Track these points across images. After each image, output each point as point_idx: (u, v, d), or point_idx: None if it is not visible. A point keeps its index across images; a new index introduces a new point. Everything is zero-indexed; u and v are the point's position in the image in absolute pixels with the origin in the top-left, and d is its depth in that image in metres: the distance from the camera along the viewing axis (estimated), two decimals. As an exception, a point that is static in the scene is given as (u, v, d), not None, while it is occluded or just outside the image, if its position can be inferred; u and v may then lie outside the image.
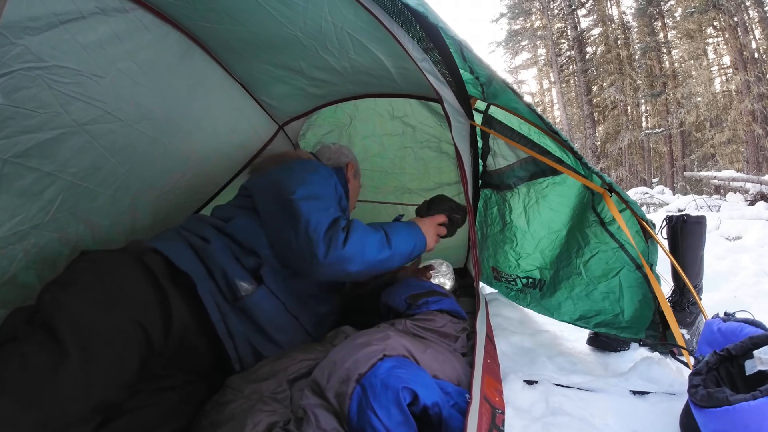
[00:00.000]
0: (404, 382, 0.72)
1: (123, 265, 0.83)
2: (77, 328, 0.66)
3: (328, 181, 1.20)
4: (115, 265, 0.81)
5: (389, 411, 0.70)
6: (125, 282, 0.79)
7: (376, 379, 0.73)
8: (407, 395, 0.72)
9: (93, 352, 0.66)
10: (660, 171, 16.66)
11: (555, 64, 17.22)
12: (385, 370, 0.75)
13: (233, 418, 0.77)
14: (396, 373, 0.74)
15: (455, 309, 1.26)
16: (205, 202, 1.88)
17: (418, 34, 1.05)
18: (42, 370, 0.61)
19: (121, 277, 0.79)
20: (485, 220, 1.85)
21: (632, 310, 1.38)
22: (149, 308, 0.79)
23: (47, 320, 0.65)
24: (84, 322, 0.67)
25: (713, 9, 11.45)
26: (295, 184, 1.12)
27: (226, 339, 0.94)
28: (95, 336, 0.67)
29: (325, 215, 1.05)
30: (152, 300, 0.81)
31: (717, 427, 0.76)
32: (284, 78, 1.62)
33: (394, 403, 0.70)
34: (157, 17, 1.15)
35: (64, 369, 0.62)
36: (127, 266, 0.83)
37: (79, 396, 0.62)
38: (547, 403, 1.03)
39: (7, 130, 0.91)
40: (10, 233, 1.01)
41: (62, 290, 0.71)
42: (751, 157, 11.23)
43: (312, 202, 1.08)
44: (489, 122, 1.56)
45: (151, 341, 0.77)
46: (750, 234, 3.71)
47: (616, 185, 1.31)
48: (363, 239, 1.07)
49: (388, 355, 0.80)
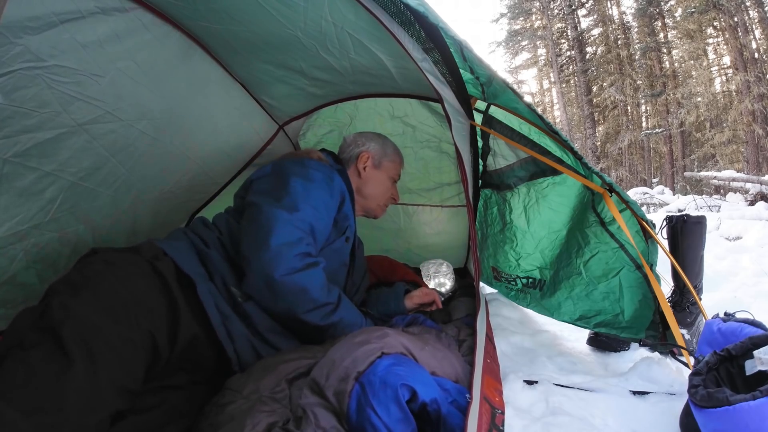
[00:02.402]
0: (402, 379, 0.72)
1: (138, 271, 0.81)
2: (85, 337, 0.65)
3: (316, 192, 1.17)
4: (130, 271, 0.80)
5: (388, 408, 0.70)
6: (139, 290, 0.77)
7: (375, 377, 0.73)
8: (406, 392, 0.72)
9: (100, 362, 0.65)
10: (660, 171, 16.67)
11: (555, 64, 17.22)
12: (383, 368, 0.75)
13: (232, 419, 0.77)
14: (394, 371, 0.74)
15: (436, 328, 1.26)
16: (206, 201, 1.89)
17: (419, 34, 1.04)
18: (46, 379, 0.60)
19: (135, 284, 0.78)
20: (485, 220, 1.85)
21: (632, 310, 1.38)
22: (160, 317, 0.79)
23: (55, 327, 0.64)
24: (92, 331, 0.66)
25: (713, 9, 11.45)
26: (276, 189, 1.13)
27: (227, 342, 0.94)
28: (103, 346, 0.66)
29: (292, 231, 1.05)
30: (164, 309, 0.80)
31: (717, 427, 0.76)
32: (284, 78, 1.62)
33: (393, 400, 0.70)
34: (157, 17, 1.15)
35: (69, 379, 0.61)
36: (142, 273, 0.82)
37: (82, 405, 0.62)
38: (547, 403, 1.03)
39: (6, 130, 0.91)
40: (10, 233, 1.01)
41: (73, 295, 0.70)
42: (751, 157, 11.23)
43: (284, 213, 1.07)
44: (489, 122, 1.56)
45: (158, 349, 0.76)
46: (750, 234, 3.71)
47: (616, 185, 1.31)
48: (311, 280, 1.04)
49: (386, 353, 0.80)
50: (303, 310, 1.03)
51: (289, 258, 1.02)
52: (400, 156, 1.56)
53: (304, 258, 1.05)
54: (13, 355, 0.62)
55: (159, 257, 0.91)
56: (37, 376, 0.60)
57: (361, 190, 1.46)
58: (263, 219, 1.06)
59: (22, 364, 0.61)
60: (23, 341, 0.63)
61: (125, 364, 0.69)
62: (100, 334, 0.66)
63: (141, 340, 0.72)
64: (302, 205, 1.11)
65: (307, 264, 1.05)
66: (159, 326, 0.77)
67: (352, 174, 1.46)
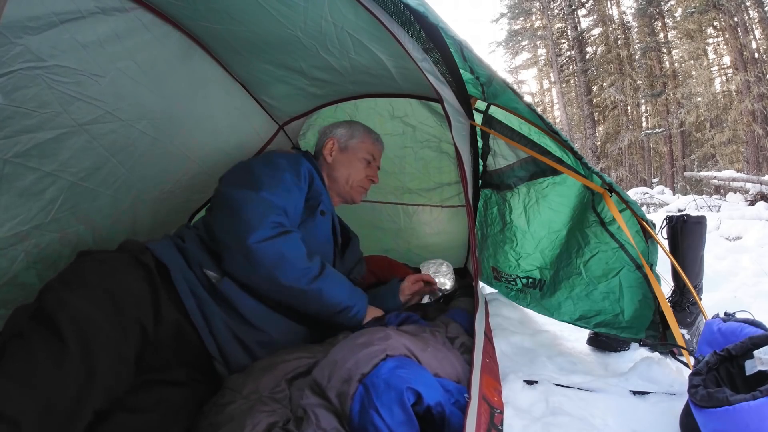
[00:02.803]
0: (408, 382, 0.72)
1: (123, 264, 0.87)
2: (78, 323, 0.70)
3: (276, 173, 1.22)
4: (116, 265, 0.86)
5: (392, 411, 0.70)
6: (125, 280, 0.83)
7: (379, 379, 0.73)
8: (411, 396, 0.72)
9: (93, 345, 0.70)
10: (660, 171, 16.67)
11: (555, 64, 17.22)
12: (387, 370, 0.75)
13: (232, 419, 0.77)
14: (399, 374, 0.74)
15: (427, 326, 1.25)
16: (205, 201, 1.88)
17: (419, 33, 1.04)
18: (45, 362, 0.65)
19: (121, 276, 0.83)
20: (485, 220, 1.85)
21: (632, 310, 1.38)
22: (146, 303, 0.84)
23: (50, 315, 0.70)
24: (85, 318, 0.72)
25: (713, 9, 11.45)
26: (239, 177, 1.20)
27: (202, 327, 0.97)
28: (96, 330, 0.72)
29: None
30: (148, 297, 0.86)
31: (717, 427, 0.76)
32: (284, 78, 1.62)
33: (397, 403, 0.70)
34: (158, 17, 1.15)
35: (67, 361, 0.67)
36: (127, 265, 0.88)
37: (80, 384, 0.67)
38: (547, 403, 1.03)
39: (7, 130, 0.91)
40: (11, 233, 1.01)
41: (66, 289, 0.75)
42: (751, 157, 11.23)
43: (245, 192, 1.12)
44: (489, 122, 1.56)
45: (146, 333, 0.82)
46: (750, 234, 3.71)
47: (616, 185, 1.31)
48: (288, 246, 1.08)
49: (390, 355, 0.80)
50: (284, 276, 1.05)
51: (262, 226, 1.05)
52: (372, 136, 1.56)
53: (276, 227, 1.08)
54: (13, 343, 0.68)
55: (142, 251, 0.97)
56: (36, 358, 0.65)
57: (330, 175, 1.47)
58: (231, 201, 1.10)
59: (22, 348, 0.67)
60: (22, 331, 0.69)
61: (116, 346, 0.74)
62: (91, 320, 0.72)
63: (130, 325, 0.78)
64: (268, 185, 1.15)
65: (281, 232, 1.08)
66: (145, 312, 0.83)
67: (322, 163, 1.48)
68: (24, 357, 0.66)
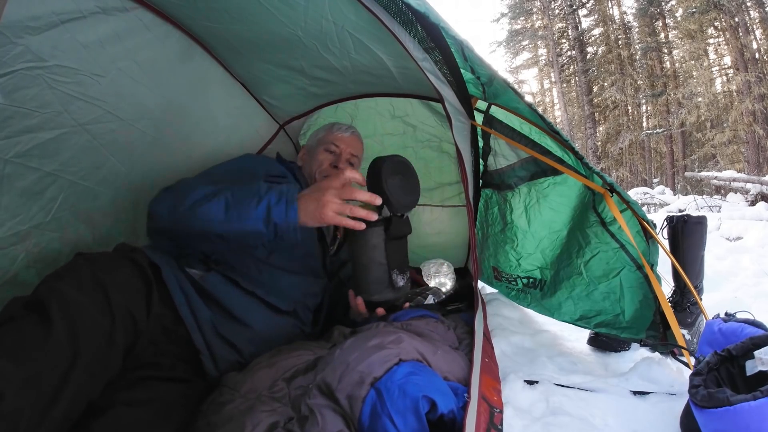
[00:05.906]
0: (423, 390, 0.72)
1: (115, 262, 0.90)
2: (67, 307, 0.73)
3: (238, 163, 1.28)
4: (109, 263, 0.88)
5: (406, 418, 0.69)
6: (118, 275, 0.86)
7: (393, 385, 0.72)
8: (426, 404, 0.71)
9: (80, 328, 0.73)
10: (661, 171, 16.66)
11: (556, 64, 17.22)
12: (402, 376, 0.74)
13: (231, 420, 0.76)
14: (413, 380, 0.73)
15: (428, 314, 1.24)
16: (206, 201, 1.88)
17: (419, 33, 1.04)
18: (32, 340, 0.69)
19: (114, 271, 0.86)
20: (486, 220, 1.85)
21: (633, 310, 1.38)
22: (138, 294, 0.87)
23: (41, 301, 0.74)
24: (74, 302, 0.75)
25: (714, 9, 11.45)
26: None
27: (190, 323, 0.99)
28: (83, 315, 0.75)
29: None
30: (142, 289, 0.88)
31: (717, 428, 0.76)
32: (285, 77, 1.62)
33: (411, 410, 0.70)
34: (158, 16, 1.15)
35: (52, 340, 0.70)
36: (120, 261, 0.91)
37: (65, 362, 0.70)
38: (547, 403, 1.03)
39: (7, 130, 0.90)
40: (11, 233, 1.01)
41: (58, 280, 0.79)
42: (751, 157, 11.24)
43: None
44: (490, 122, 1.56)
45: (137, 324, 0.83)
46: (750, 234, 3.71)
47: (616, 185, 1.30)
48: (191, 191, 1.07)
49: (403, 360, 0.79)
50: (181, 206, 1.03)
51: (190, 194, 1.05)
52: (333, 127, 1.53)
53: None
54: (4, 326, 0.71)
55: (134, 251, 0.99)
56: (23, 336, 0.70)
57: (305, 176, 1.46)
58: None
59: (11, 329, 0.70)
60: (13, 316, 0.73)
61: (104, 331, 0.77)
62: (80, 305, 0.75)
63: (119, 312, 0.80)
64: (211, 170, 1.22)
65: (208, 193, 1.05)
66: (137, 303, 0.85)
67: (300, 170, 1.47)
68: (12, 336, 0.69)
